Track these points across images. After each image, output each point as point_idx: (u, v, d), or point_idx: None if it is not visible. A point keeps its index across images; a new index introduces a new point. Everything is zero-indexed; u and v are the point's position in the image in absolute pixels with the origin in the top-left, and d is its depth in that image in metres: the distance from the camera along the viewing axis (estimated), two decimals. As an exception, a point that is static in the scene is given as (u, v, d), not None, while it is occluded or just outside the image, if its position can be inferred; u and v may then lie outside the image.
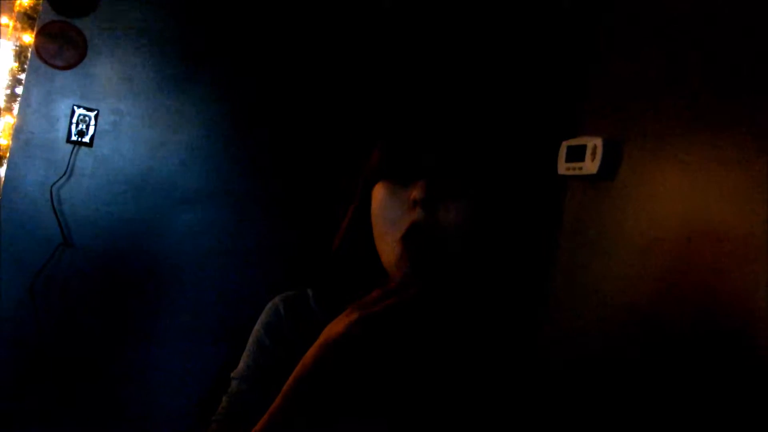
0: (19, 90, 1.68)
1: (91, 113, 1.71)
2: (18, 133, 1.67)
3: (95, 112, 1.71)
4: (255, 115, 1.83)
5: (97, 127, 1.72)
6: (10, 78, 1.69)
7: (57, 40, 1.66)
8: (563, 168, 1.45)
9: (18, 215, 1.67)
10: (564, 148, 1.45)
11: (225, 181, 1.82)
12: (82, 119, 1.70)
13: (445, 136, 0.63)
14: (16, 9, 1.68)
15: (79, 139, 1.70)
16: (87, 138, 1.71)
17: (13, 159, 1.67)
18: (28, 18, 1.68)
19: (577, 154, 1.38)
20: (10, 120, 1.68)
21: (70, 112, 1.69)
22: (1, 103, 1.68)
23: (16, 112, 1.68)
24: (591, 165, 1.33)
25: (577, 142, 1.40)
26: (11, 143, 1.67)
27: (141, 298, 1.78)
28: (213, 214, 1.82)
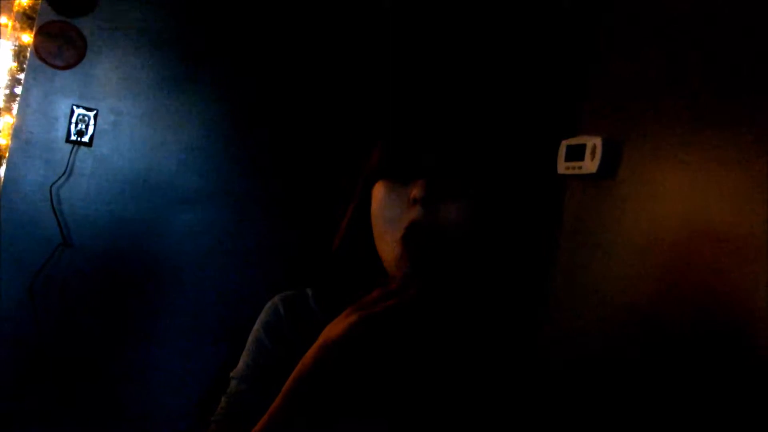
0: (18, 90, 1.68)
1: (90, 113, 1.71)
2: (17, 132, 1.67)
3: (94, 111, 1.71)
4: (255, 115, 1.83)
5: (96, 127, 1.72)
6: (10, 78, 1.69)
7: (56, 39, 1.66)
8: (563, 167, 1.45)
9: (17, 215, 1.66)
10: (563, 147, 1.45)
11: (225, 181, 1.82)
12: (82, 119, 1.70)
13: (446, 136, 0.63)
14: (15, 9, 1.68)
15: (79, 138, 1.70)
16: (86, 138, 1.71)
17: (13, 159, 1.67)
18: (27, 18, 1.68)
19: (576, 154, 1.38)
20: (10, 120, 1.68)
21: (70, 112, 1.69)
22: (1, 103, 1.68)
23: (15, 111, 1.68)
24: (590, 164, 1.33)
25: (576, 141, 1.40)
26: (10, 143, 1.67)
27: (141, 298, 1.78)
28: (213, 214, 1.82)
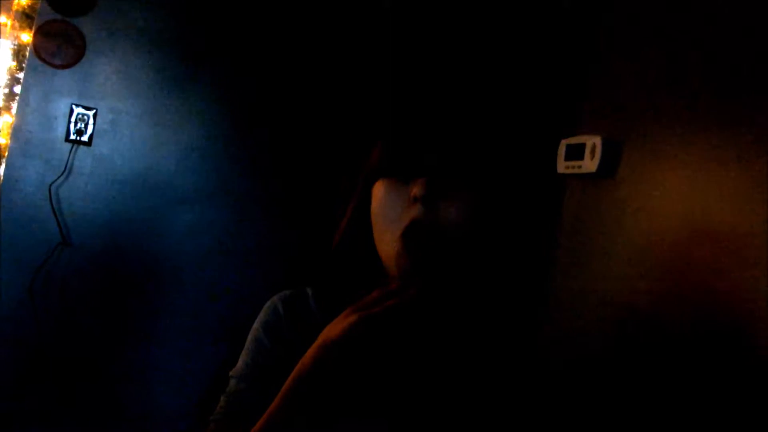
0: (17, 89, 1.68)
1: (89, 112, 1.71)
2: (16, 132, 1.67)
3: (94, 111, 1.71)
4: (255, 115, 1.83)
5: (95, 126, 1.71)
6: (9, 77, 1.69)
7: (55, 38, 1.66)
8: (562, 166, 1.44)
9: (17, 214, 1.66)
10: (563, 146, 1.45)
11: (225, 181, 1.82)
12: (81, 118, 1.70)
13: (447, 134, 0.63)
14: (15, 8, 1.68)
15: (78, 138, 1.70)
16: (86, 137, 1.70)
17: (12, 158, 1.67)
18: (26, 17, 1.68)
19: (576, 153, 1.38)
20: (9, 119, 1.68)
21: (69, 111, 1.69)
22: (0, 102, 1.68)
23: (14, 111, 1.67)
24: (590, 163, 1.32)
25: (576, 140, 1.40)
26: (10, 142, 1.67)
27: (141, 298, 1.78)
28: (213, 214, 1.81)
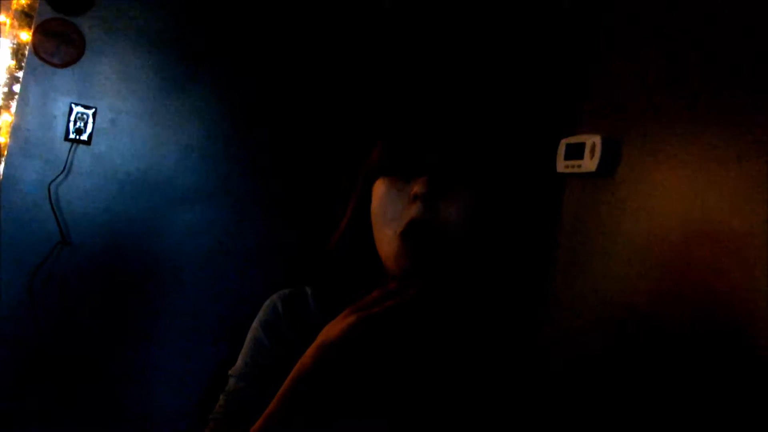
0: (16, 88, 1.67)
1: (89, 111, 1.70)
2: (16, 131, 1.66)
3: (93, 110, 1.71)
4: (255, 115, 1.83)
5: (95, 125, 1.71)
6: (8, 76, 1.69)
7: (54, 37, 1.65)
8: (562, 166, 1.44)
9: (16, 213, 1.66)
10: (563, 145, 1.45)
11: (225, 181, 1.82)
12: (80, 117, 1.69)
13: (448, 133, 0.62)
14: (14, 7, 1.67)
15: (77, 137, 1.69)
16: (85, 136, 1.70)
17: (11, 157, 1.66)
18: (25, 16, 1.67)
19: (575, 152, 1.38)
20: (8, 118, 1.68)
21: (68, 110, 1.68)
22: (-1, 101, 1.68)
23: (13, 110, 1.67)
24: (590, 163, 1.32)
25: (575, 139, 1.40)
26: (9, 141, 1.66)
27: (141, 297, 1.78)
28: (213, 214, 1.81)
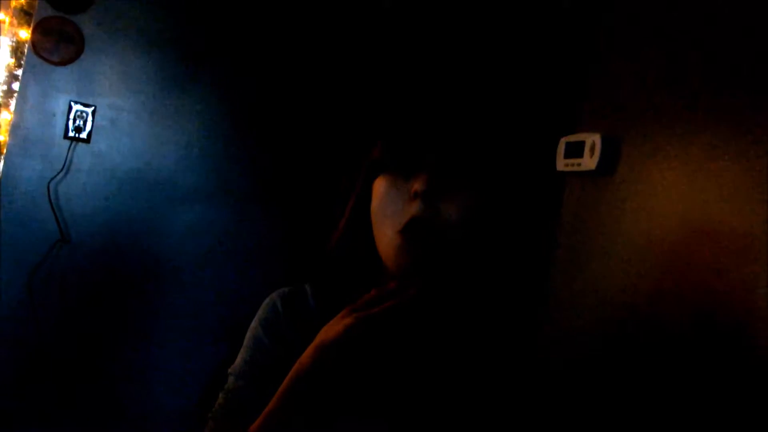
0: (15, 86, 1.67)
1: (88, 109, 1.70)
2: (15, 129, 1.66)
3: (92, 108, 1.70)
4: (255, 115, 1.82)
5: (94, 124, 1.71)
6: (7, 74, 1.68)
7: (54, 35, 1.65)
8: (561, 164, 1.44)
9: (15, 211, 1.66)
10: (563, 144, 1.45)
11: (225, 181, 1.81)
12: (80, 115, 1.69)
13: (449, 131, 0.62)
14: (13, 5, 1.67)
15: (77, 135, 1.69)
16: (84, 134, 1.70)
17: (10, 155, 1.66)
18: (24, 14, 1.67)
19: (575, 151, 1.38)
20: (7, 116, 1.67)
21: (67, 108, 1.68)
22: (-2, 100, 1.67)
23: (12, 108, 1.67)
24: (590, 161, 1.32)
25: (575, 138, 1.40)
26: (8, 139, 1.66)
27: (141, 297, 1.78)
28: (213, 214, 1.81)
